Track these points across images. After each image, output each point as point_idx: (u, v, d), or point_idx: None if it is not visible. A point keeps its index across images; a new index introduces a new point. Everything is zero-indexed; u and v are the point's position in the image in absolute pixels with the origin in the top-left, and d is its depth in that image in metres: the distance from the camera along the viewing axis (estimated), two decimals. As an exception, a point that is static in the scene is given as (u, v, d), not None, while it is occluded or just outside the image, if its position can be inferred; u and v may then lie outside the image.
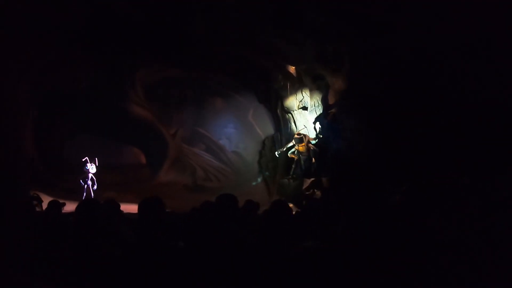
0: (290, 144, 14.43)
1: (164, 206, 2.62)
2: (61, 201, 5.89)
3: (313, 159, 13.85)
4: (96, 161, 13.49)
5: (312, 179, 13.28)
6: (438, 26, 7.94)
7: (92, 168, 13.32)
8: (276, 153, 15.39)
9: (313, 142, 13.94)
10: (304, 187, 13.42)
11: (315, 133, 14.28)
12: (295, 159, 14.31)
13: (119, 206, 3.93)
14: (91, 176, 13.24)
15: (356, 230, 2.14)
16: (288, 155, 14.47)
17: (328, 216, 3.27)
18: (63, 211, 5.78)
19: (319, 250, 1.90)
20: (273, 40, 12.91)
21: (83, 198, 12.40)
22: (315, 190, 12.91)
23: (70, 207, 6.95)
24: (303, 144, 13.95)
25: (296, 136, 14.19)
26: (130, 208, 8.90)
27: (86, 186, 13.11)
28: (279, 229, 2.62)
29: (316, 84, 13.97)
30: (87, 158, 13.35)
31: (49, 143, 15.48)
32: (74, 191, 13.53)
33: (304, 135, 14.18)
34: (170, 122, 18.84)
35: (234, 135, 19.43)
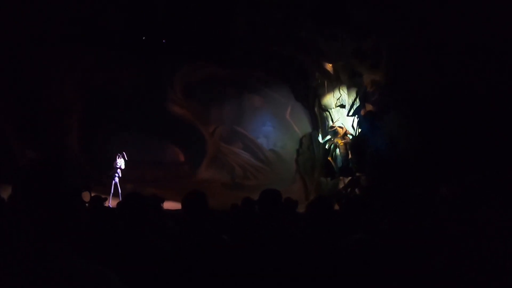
0: (328, 137, 14.32)
1: (208, 200, 2.66)
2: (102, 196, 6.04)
3: (349, 154, 13.50)
4: (125, 156, 13.22)
5: (350, 177, 13.07)
6: (484, 19, 7.66)
7: (121, 163, 13.09)
8: (320, 140, 15.22)
9: (350, 136, 13.69)
10: (342, 185, 13.25)
11: (352, 130, 14.05)
12: (334, 154, 14.09)
13: (163, 201, 4.02)
14: (119, 171, 13.01)
15: (402, 228, 2.12)
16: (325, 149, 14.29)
17: (370, 214, 3.24)
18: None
19: (369, 242, 1.90)
20: (311, 36, 12.83)
21: (111, 193, 12.49)
22: (354, 189, 12.72)
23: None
24: (340, 136, 13.72)
25: (330, 129, 14.04)
26: (169, 205, 9.08)
27: (113, 181, 12.89)
28: (322, 225, 2.63)
29: (354, 81, 13.77)
30: (119, 154, 13.20)
31: (93, 141, 16.08)
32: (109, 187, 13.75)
33: (341, 128, 13.92)
34: (209, 120, 19.13)
35: (272, 133, 19.44)
